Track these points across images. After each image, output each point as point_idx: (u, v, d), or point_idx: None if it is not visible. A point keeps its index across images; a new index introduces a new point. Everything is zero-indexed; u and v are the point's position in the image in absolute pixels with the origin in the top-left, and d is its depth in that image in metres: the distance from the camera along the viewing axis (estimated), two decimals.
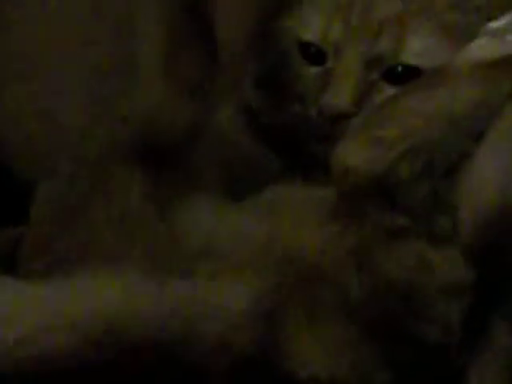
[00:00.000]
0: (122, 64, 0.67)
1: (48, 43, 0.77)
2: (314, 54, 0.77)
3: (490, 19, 0.71)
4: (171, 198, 0.64)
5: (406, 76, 0.75)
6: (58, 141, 0.73)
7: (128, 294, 0.58)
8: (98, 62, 0.71)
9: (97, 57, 0.72)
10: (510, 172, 0.64)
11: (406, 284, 0.61)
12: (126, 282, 0.58)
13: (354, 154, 0.63)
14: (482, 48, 0.66)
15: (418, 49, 0.75)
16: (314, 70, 0.77)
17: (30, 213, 0.65)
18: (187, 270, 0.60)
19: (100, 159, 0.64)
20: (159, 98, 0.65)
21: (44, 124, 0.76)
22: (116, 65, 0.67)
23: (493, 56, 0.65)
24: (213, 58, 0.68)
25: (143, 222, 0.62)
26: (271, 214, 0.65)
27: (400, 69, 0.75)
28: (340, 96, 0.74)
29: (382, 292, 0.61)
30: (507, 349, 0.65)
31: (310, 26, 0.77)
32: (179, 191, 0.64)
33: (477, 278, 0.63)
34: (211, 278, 0.59)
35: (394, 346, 0.61)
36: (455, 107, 0.63)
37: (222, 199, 0.66)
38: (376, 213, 0.62)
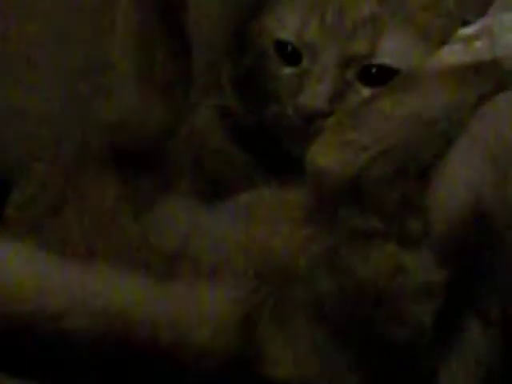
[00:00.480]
0: (96, 65, 0.67)
1: (23, 41, 0.77)
2: (291, 54, 0.77)
3: (464, 23, 0.72)
4: (146, 200, 0.64)
5: (381, 76, 0.75)
6: (32, 141, 0.73)
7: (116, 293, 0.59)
8: (73, 62, 0.71)
9: (72, 57, 0.72)
10: (481, 173, 0.65)
11: (376, 286, 0.62)
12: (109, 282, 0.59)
13: (326, 156, 0.63)
14: (452, 54, 0.66)
15: (392, 49, 0.75)
16: (290, 69, 0.78)
17: (3, 215, 0.66)
18: (163, 271, 0.61)
19: (74, 160, 0.64)
20: (131, 99, 0.65)
21: (18, 123, 0.76)
22: (91, 65, 0.67)
23: (463, 62, 0.65)
24: (186, 59, 0.68)
25: (117, 224, 0.62)
26: (246, 216, 0.65)
27: (374, 69, 0.75)
28: (315, 96, 0.75)
29: (352, 294, 0.61)
30: (479, 348, 0.66)
31: (286, 25, 0.77)
32: (155, 193, 0.65)
33: (449, 278, 0.64)
34: (188, 281, 0.60)
35: (365, 347, 0.62)
36: (426, 111, 0.64)
37: (198, 201, 0.66)
38: (348, 215, 0.63)
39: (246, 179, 0.76)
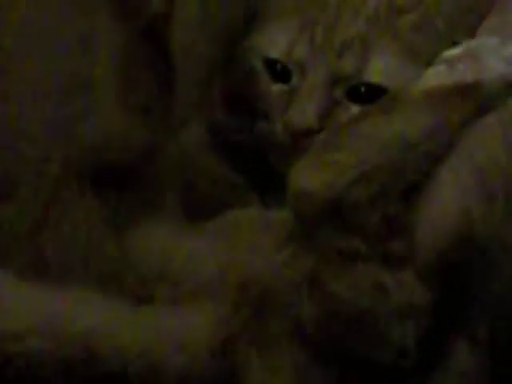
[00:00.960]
0: (81, 85, 0.67)
1: (12, 55, 0.77)
2: (280, 72, 0.78)
3: (453, 43, 0.72)
4: (128, 222, 0.64)
5: (369, 95, 0.75)
6: (18, 161, 0.73)
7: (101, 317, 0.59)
8: (59, 81, 0.72)
9: (59, 75, 0.72)
10: (470, 193, 0.65)
11: (358, 308, 0.62)
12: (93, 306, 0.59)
13: (308, 177, 0.64)
14: (436, 75, 0.67)
15: (381, 68, 0.75)
16: (279, 87, 0.78)
17: None
18: (144, 295, 0.61)
19: (55, 183, 0.64)
20: (113, 119, 0.65)
21: (5, 141, 0.76)
22: (76, 85, 0.67)
23: (446, 84, 0.65)
24: (169, 78, 0.68)
25: (98, 248, 0.62)
26: (228, 238, 0.65)
27: (363, 88, 0.76)
28: (304, 114, 0.75)
29: (333, 316, 0.61)
30: (467, 367, 0.66)
31: (276, 44, 0.78)
32: (137, 215, 0.65)
33: (436, 299, 0.64)
34: (166, 306, 0.60)
35: (348, 369, 0.62)
36: (409, 133, 0.64)
37: (180, 222, 0.67)
38: (329, 236, 0.63)
39: (235, 197, 0.76)
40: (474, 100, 0.65)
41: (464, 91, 0.65)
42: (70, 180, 0.63)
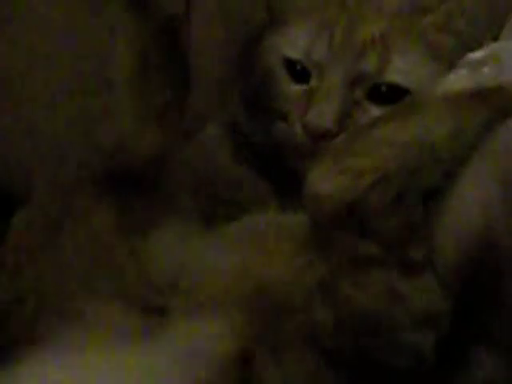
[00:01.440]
0: (100, 86, 0.67)
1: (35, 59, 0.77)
2: (300, 72, 0.77)
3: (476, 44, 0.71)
4: (142, 227, 0.63)
5: (390, 95, 0.74)
6: (41, 159, 0.73)
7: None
8: (80, 81, 0.71)
9: (80, 76, 0.72)
10: (494, 199, 0.63)
11: (374, 314, 0.61)
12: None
13: (325, 181, 0.63)
14: (458, 79, 0.65)
15: (402, 68, 0.74)
16: (298, 87, 0.77)
17: (6, 240, 0.66)
18: (159, 307, 0.60)
19: (71, 186, 0.64)
20: (127, 123, 0.65)
21: (28, 141, 0.76)
22: (93, 88, 0.67)
23: (468, 88, 0.64)
24: (184, 83, 0.67)
25: (112, 258, 0.62)
26: (243, 244, 0.64)
27: (384, 88, 0.74)
28: (323, 115, 0.74)
29: (348, 323, 0.60)
30: (487, 374, 0.65)
31: (295, 44, 0.77)
32: (151, 219, 0.64)
33: (454, 306, 0.62)
34: (184, 317, 0.59)
35: (364, 376, 0.61)
36: (428, 137, 0.63)
37: (195, 226, 0.66)
38: (347, 242, 0.62)
39: (252, 198, 0.75)
40: (496, 103, 0.64)
41: (487, 95, 0.64)
42: (85, 185, 0.63)
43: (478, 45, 0.71)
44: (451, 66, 0.71)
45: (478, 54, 0.66)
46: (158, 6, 0.65)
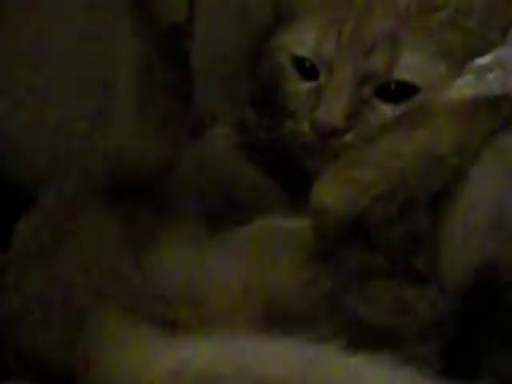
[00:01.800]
0: (106, 91, 0.67)
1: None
2: (309, 69, 0.76)
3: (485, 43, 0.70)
4: (147, 238, 0.63)
5: (399, 93, 0.73)
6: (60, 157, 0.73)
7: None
8: (88, 85, 0.71)
9: (88, 80, 0.72)
10: (503, 207, 0.63)
11: (381, 325, 0.61)
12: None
13: (331, 193, 0.62)
14: (465, 86, 0.64)
15: (412, 65, 0.73)
16: (307, 84, 0.76)
17: (11, 247, 0.66)
18: (167, 321, 0.60)
19: (75, 195, 0.64)
20: (130, 129, 0.64)
21: (47, 138, 0.76)
22: (94, 92, 0.67)
23: (475, 95, 0.63)
24: (187, 88, 0.67)
25: (119, 270, 0.62)
26: (252, 253, 0.64)
27: (393, 85, 0.74)
28: (332, 112, 0.73)
29: (355, 335, 0.60)
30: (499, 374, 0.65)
31: (304, 42, 0.76)
32: (156, 229, 0.64)
33: (464, 315, 0.62)
34: (192, 331, 0.59)
35: None
36: (435, 148, 0.62)
37: (202, 235, 0.66)
38: (351, 253, 0.62)
39: (261, 197, 0.75)
40: (503, 111, 0.63)
41: (493, 102, 0.63)
42: (87, 194, 0.63)
43: (489, 43, 0.70)
44: (461, 63, 0.70)
45: (483, 60, 0.65)
46: (160, 13, 0.65)
